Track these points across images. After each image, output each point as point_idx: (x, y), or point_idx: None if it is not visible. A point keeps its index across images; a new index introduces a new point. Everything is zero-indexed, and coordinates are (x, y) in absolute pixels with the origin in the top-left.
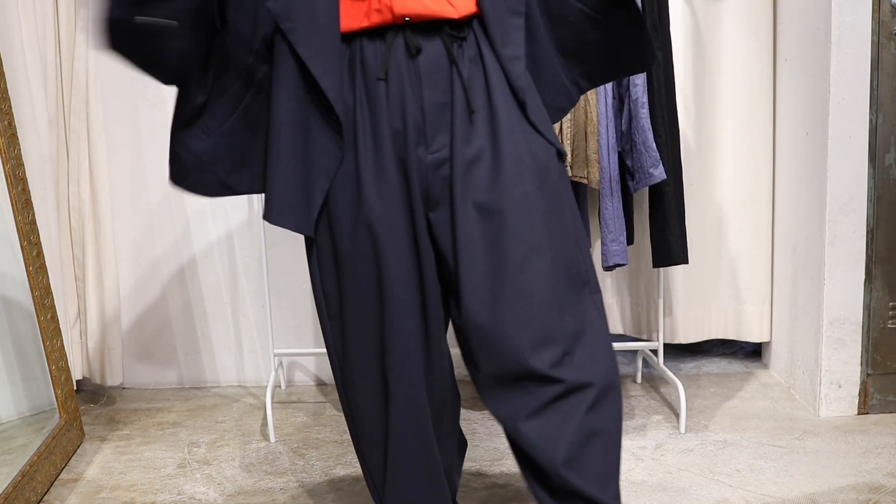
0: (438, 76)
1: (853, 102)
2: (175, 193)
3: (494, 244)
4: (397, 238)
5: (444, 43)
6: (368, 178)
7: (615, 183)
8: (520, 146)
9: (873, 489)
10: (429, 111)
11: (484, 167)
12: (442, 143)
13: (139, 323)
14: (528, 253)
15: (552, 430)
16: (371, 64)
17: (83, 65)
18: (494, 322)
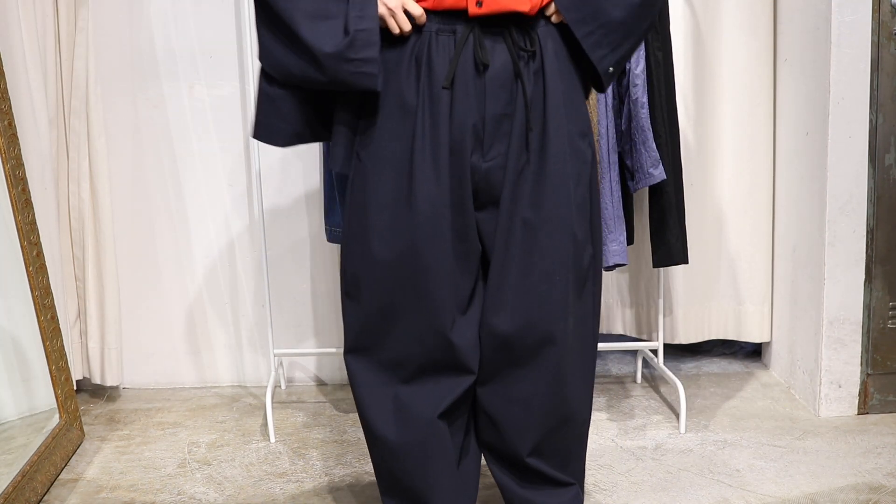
0: (502, 90)
1: (853, 102)
2: (175, 193)
3: (526, 254)
4: (442, 242)
5: (512, 56)
6: (422, 175)
7: (615, 183)
8: (564, 163)
9: (873, 489)
10: (489, 122)
11: (530, 181)
12: (498, 152)
13: (139, 323)
14: (552, 268)
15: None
16: (438, 66)
17: (83, 65)
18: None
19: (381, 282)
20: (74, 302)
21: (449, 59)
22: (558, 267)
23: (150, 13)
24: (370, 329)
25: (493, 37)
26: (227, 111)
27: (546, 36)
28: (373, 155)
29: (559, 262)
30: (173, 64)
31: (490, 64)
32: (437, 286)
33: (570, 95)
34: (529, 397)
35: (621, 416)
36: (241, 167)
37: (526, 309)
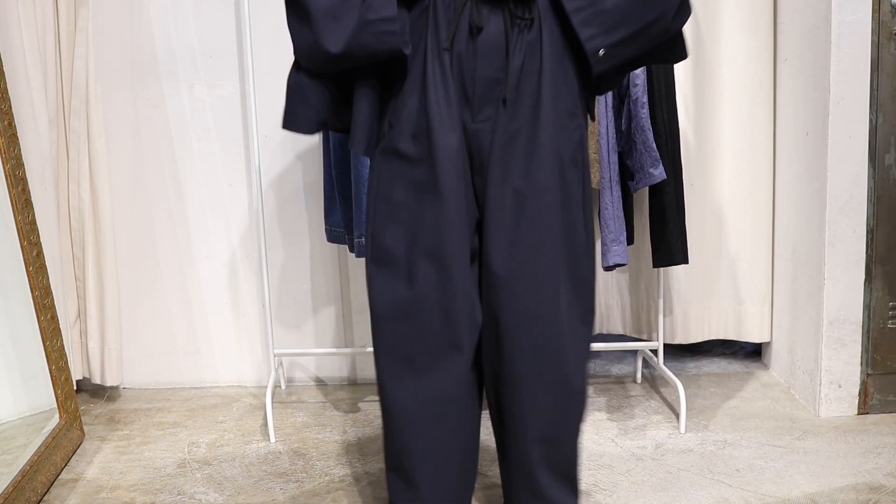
0: (493, 54)
1: (853, 102)
2: (175, 193)
3: (516, 222)
4: (456, 182)
5: (505, 23)
6: (438, 119)
7: (615, 183)
8: (556, 136)
9: (873, 489)
10: (479, 83)
11: (520, 150)
12: (486, 116)
13: (139, 323)
14: (541, 239)
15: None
16: (442, 28)
17: (83, 65)
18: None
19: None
20: (74, 302)
21: (451, 15)
22: (547, 240)
23: (150, 13)
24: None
25: (493, 5)
26: (227, 111)
27: (547, 12)
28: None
29: (549, 236)
30: (173, 64)
31: (484, 27)
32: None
33: (565, 72)
34: (526, 377)
35: (621, 416)
36: (241, 167)
37: (513, 272)
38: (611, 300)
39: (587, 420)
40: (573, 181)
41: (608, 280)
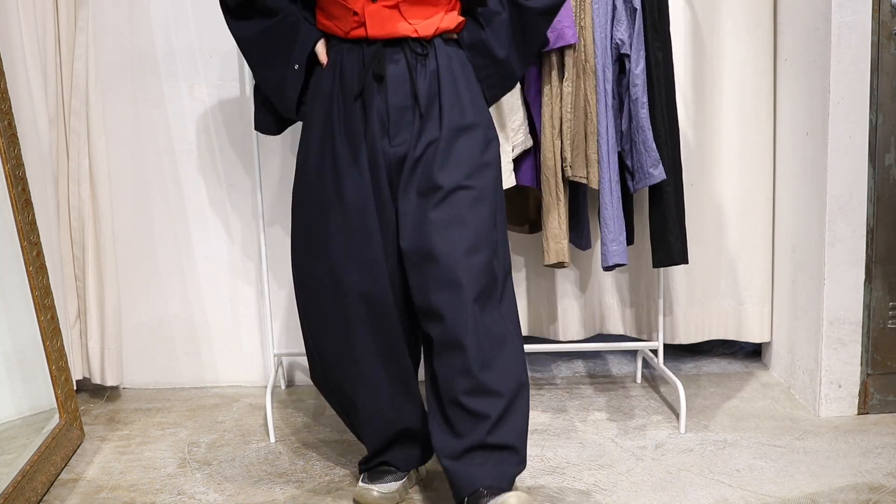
0: (402, 86)
1: (853, 102)
2: (175, 193)
3: (426, 210)
4: (366, 216)
5: (407, 60)
6: (344, 163)
7: (615, 183)
8: (461, 144)
9: (873, 489)
10: (392, 111)
11: (435, 157)
12: (403, 139)
13: (139, 323)
14: (452, 220)
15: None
16: (348, 74)
17: (83, 65)
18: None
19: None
20: (74, 302)
21: (356, 67)
22: (456, 223)
23: (150, 13)
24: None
25: (394, 50)
26: (227, 111)
27: (441, 45)
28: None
29: (456, 219)
30: (173, 64)
31: (387, 71)
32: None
33: (472, 89)
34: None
35: (621, 416)
36: (241, 167)
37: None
38: (611, 300)
39: (587, 420)
40: (485, 181)
41: (608, 280)
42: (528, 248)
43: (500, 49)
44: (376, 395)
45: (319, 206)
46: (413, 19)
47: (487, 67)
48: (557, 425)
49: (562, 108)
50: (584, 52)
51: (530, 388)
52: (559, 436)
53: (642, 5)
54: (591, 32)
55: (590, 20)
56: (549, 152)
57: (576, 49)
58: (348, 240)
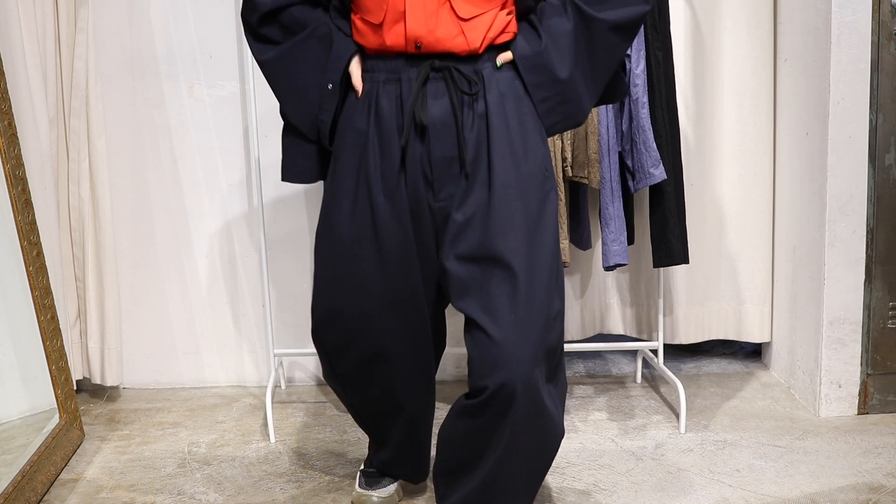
0: (446, 134)
1: (853, 102)
2: (175, 193)
3: (484, 284)
4: (410, 275)
5: (452, 102)
6: (384, 218)
7: (615, 183)
8: (510, 202)
9: (873, 489)
10: (436, 164)
11: (478, 221)
12: (448, 194)
13: (139, 323)
14: (511, 296)
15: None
16: (386, 114)
17: (83, 65)
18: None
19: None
20: (74, 302)
21: (394, 104)
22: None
23: (150, 13)
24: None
25: (437, 80)
26: (227, 111)
27: (491, 77)
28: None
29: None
30: (173, 64)
31: (430, 114)
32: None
33: (524, 133)
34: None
35: (621, 416)
36: (241, 167)
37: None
38: (611, 300)
39: (587, 420)
40: (546, 240)
41: (608, 280)
42: None
43: (562, 68)
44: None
45: (355, 259)
46: (463, 13)
47: (545, 87)
48: None
49: None
50: None
51: None
52: None
53: None
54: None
55: None
56: None
57: None
58: (391, 303)
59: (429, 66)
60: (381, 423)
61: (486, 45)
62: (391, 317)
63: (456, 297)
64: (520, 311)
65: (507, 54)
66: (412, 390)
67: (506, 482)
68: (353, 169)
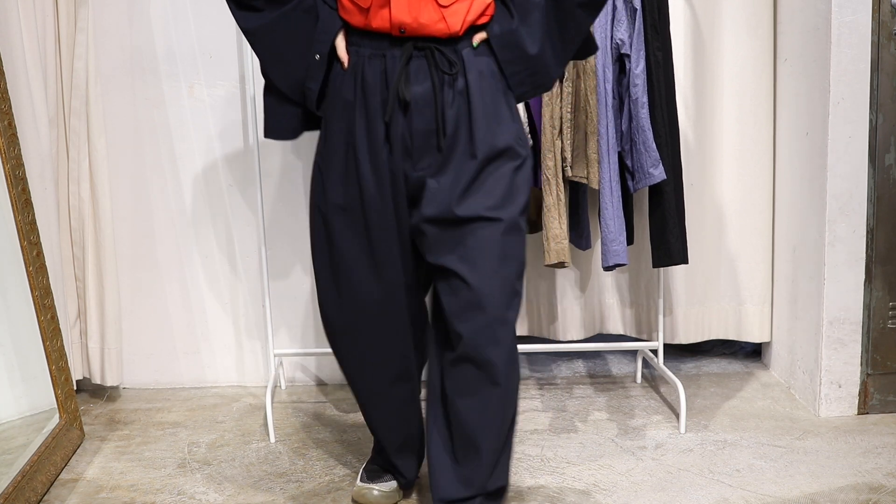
0: (427, 108)
1: (853, 102)
2: (175, 193)
3: (463, 247)
4: (386, 230)
5: (433, 79)
6: (368, 185)
7: (615, 183)
8: (491, 167)
9: (873, 489)
10: (416, 136)
11: (462, 185)
12: (426, 164)
13: (139, 323)
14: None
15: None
16: (370, 86)
17: (83, 65)
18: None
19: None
20: (74, 302)
21: (379, 78)
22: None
23: (150, 13)
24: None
25: (419, 59)
26: (227, 111)
27: (470, 57)
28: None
29: (495, 259)
30: (173, 64)
31: (412, 91)
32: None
33: (498, 109)
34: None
35: (621, 416)
36: (241, 167)
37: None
38: (611, 300)
39: (587, 420)
40: (516, 207)
41: (608, 280)
42: (528, 249)
43: (532, 44)
44: (386, 408)
45: (344, 223)
46: (443, 1)
47: (516, 63)
48: (557, 425)
49: (562, 108)
50: None
51: (531, 388)
52: (559, 436)
53: (642, 5)
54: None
55: None
56: (549, 152)
57: None
58: (369, 259)
59: (412, 47)
60: (376, 393)
61: (465, 28)
62: (373, 280)
63: (433, 254)
64: (496, 260)
65: (482, 34)
66: (394, 354)
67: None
68: (343, 137)
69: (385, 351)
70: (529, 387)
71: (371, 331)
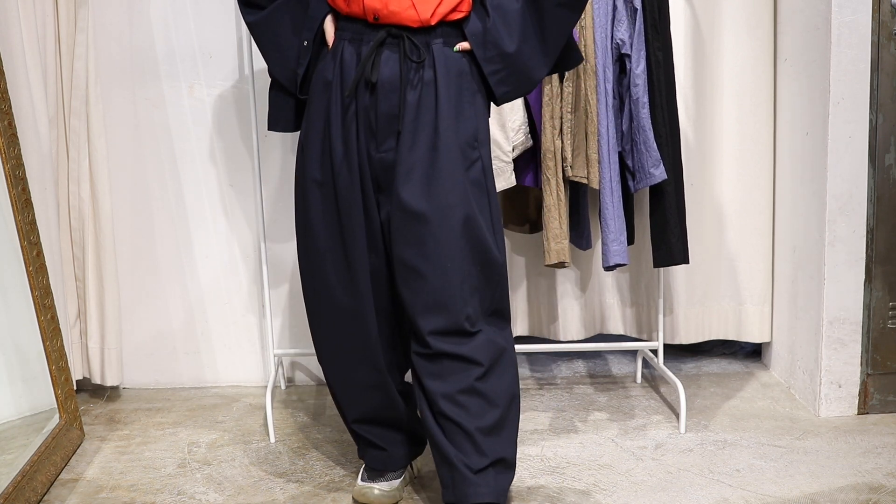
0: (392, 93)
1: (853, 102)
2: (175, 193)
3: (419, 240)
4: (354, 204)
5: (401, 66)
6: (338, 161)
7: (615, 183)
8: (455, 162)
9: (873, 489)
10: (381, 118)
11: (419, 175)
12: (389, 146)
13: (139, 323)
14: (448, 253)
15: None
16: (347, 68)
17: (83, 65)
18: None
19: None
20: (74, 302)
21: (354, 60)
22: (453, 254)
23: (150, 13)
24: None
25: (391, 46)
26: (227, 111)
27: (441, 51)
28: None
29: (453, 251)
30: (173, 64)
31: (379, 74)
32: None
33: (460, 105)
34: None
35: (621, 416)
36: (241, 167)
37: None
38: (611, 300)
39: (587, 420)
40: (478, 202)
41: (608, 280)
42: (528, 248)
43: (509, 42)
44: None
45: (320, 198)
46: None
47: (494, 61)
48: (557, 425)
49: (562, 108)
50: (585, 52)
51: (531, 389)
52: (559, 436)
53: (643, 5)
54: (592, 32)
55: (590, 20)
56: (549, 152)
57: None
58: (338, 234)
59: (385, 34)
60: (349, 378)
61: (437, 19)
62: (340, 255)
63: (398, 246)
64: (446, 259)
65: (465, 44)
66: (359, 343)
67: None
68: (322, 115)
69: (353, 339)
70: (529, 387)
71: (336, 304)
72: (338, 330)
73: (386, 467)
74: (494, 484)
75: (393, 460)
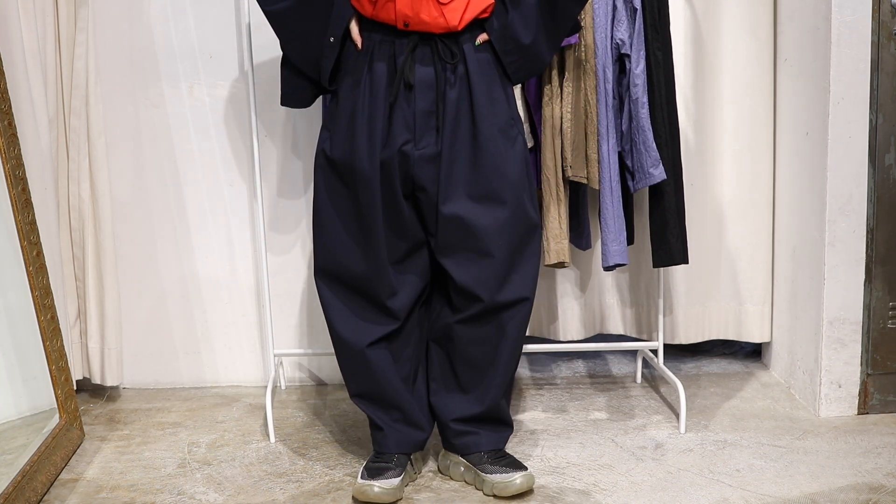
0: (429, 91)
1: (853, 102)
2: (175, 193)
3: (468, 230)
4: (373, 210)
5: (436, 66)
6: (362, 157)
7: (615, 183)
8: (496, 150)
9: (873, 489)
10: (419, 116)
11: (465, 166)
12: (428, 143)
13: (139, 323)
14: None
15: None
16: (377, 69)
17: (83, 65)
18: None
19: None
20: (74, 302)
21: (386, 62)
22: (500, 242)
23: (150, 13)
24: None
25: (424, 47)
26: (227, 111)
27: (470, 50)
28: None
29: (499, 238)
30: (173, 64)
31: (416, 74)
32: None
33: (492, 95)
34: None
35: (621, 416)
36: (241, 167)
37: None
38: (611, 300)
39: (587, 420)
40: (527, 175)
41: (608, 280)
42: None
43: (526, 34)
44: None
45: (336, 174)
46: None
47: (512, 53)
48: (557, 425)
49: (562, 108)
50: (585, 52)
51: (531, 389)
52: (559, 436)
53: (642, 5)
54: (592, 32)
55: (590, 20)
56: (549, 152)
57: (576, 49)
58: (355, 229)
59: (417, 38)
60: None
61: (465, 23)
62: (356, 230)
63: (452, 236)
64: (507, 236)
65: (484, 35)
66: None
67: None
68: (349, 109)
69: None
70: (529, 387)
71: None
72: (352, 286)
73: (382, 449)
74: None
75: (388, 443)
